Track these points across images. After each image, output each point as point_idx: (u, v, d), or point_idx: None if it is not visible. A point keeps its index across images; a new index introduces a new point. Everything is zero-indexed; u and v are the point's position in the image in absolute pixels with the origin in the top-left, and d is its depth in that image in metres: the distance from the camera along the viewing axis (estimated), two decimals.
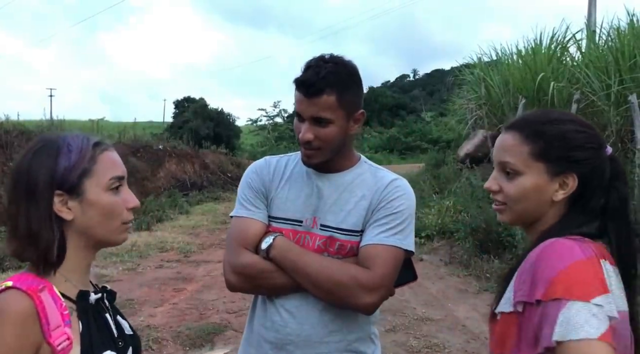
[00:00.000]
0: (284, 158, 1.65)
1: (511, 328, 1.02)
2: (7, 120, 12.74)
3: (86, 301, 1.10)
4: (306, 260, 1.44)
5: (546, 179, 1.07)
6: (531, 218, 1.12)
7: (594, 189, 1.07)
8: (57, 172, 1.04)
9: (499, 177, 1.13)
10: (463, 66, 13.27)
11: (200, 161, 17.72)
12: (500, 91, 10.11)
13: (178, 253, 8.11)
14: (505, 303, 1.04)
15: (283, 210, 1.54)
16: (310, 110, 1.41)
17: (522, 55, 10.52)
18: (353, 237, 1.49)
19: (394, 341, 4.45)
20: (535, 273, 0.96)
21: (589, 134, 1.09)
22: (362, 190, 1.52)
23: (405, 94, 64.75)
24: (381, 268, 1.41)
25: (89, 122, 17.90)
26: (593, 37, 9.03)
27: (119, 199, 1.10)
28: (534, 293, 0.95)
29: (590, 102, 7.52)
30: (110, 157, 1.10)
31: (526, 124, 1.12)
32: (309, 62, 1.45)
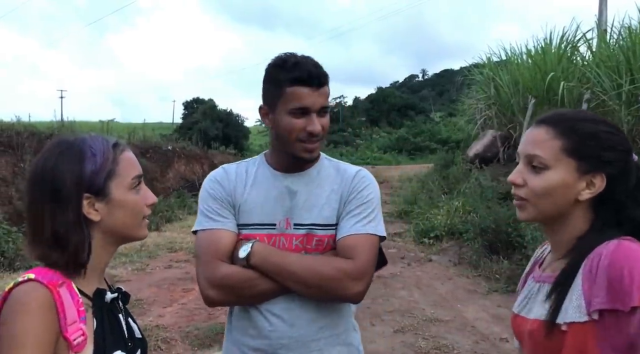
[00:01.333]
0: (242, 164, 1.62)
1: (589, 339, 0.97)
2: (18, 121, 12.85)
3: (102, 300, 1.12)
4: (289, 260, 1.43)
5: (575, 177, 1.05)
6: (552, 216, 1.10)
7: (620, 193, 1.05)
8: (84, 176, 1.06)
9: (524, 171, 1.10)
10: (472, 66, 13.21)
11: (209, 162, 17.78)
12: (509, 90, 10.05)
13: (187, 253, 8.14)
14: (575, 312, 0.99)
15: (254, 216, 1.51)
16: (319, 101, 1.44)
17: (531, 55, 10.45)
18: (329, 231, 1.50)
19: (403, 342, 4.44)
20: (615, 278, 0.93)
21: (621, 137, 1.08)
22: (329, 184, 1.55)
23: (414, 95, 64.63)
24: (364, 256, 1.45)
25: (99, 123, 17.98)
26: (604, 36, 8.96)
27: (139, 196, 1.15)
28: (625, 300, 0.91)
29: (601, 102, 7.46)
30: (129, 158, 1.14)
31: (561, 119, 1.10)
32: (291, 59, 1.46)
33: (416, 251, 8.14)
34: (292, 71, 1.43)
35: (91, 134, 1.14)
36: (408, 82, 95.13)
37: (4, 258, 7.70)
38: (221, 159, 18.68)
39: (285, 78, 1.43)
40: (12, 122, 12.42)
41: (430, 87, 74.28)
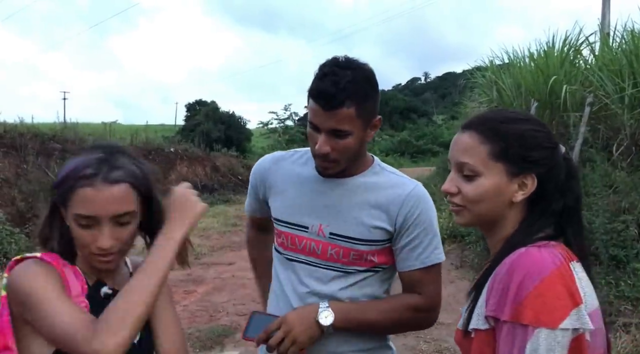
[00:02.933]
0: (295, 155, 1.61)
1: (485, 347, 0.97)
2: (21, 123, 12.88)
3: (95, 292, 1.16)
4: (370, 316, 1.45)
5: (506, 180, 1.05)
6: (490, 220, 1.09)
7: (551, 189, 1.05)
8: (54, 185, 1.14)
9: (457, 179, 1.09)
10: (475, 69, 13.18)
11: (212, 164, 17.79)
12: (512, 94, 10.03)
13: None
14: (478, 319, 1.00)
15: (289, 213, 1.51)
16: (328, 123, 1.34)
17: (534, 58, 10.43)
18: (368, 246, 1.45)
19: (404, 345, 4.43)
20: (504, 288, 0.94)
21: (546, 133, 1.07)
22: (375, 196, 1.46)
23: (416, 97, 64.64)
24: (433, 289, 1.50)
25: (101, 125, 18.02)
26: (607, 40, 8.94)
27: (86, 233, 1.10)
28: (502, 311, 0.93)
29: (603, 106, 7.44)
30: (84, 195, 1.08)
31: (484, 123, 1.09)
32: (323, 68, 1.37)
33: None
34: (314, 83, 1.37)
35: (92, 152, 1.15)
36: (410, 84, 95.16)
37: (7, 259, 7.71)
38: (223, 161, 18.69)
39: (309, 88, 1.38)
40: (15, 124, 12.46)
41: (433, 90, 74.23)
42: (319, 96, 1.34)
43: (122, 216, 1.11)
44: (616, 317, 4.30)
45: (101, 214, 1.08)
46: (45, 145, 12.01)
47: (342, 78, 1.32)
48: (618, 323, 4.18)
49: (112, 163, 1.12)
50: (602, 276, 4.80)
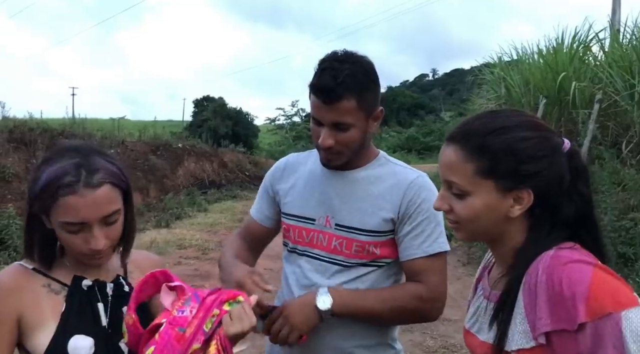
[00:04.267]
0: (304, 154, 1.67)
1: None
2: (30, 118, 12.98)
3: (77, 286, 1.18)
4: (370, 303, 1.43)
5: (497, 197, 0.96)
6: (489, 235, 1.03)
7: (556, 197, 0.96)
8: (29, 196, 1.13)
9: (448, 196, 1.02)
10: (483, 66, 13.13)
11: (219, 160, 17.84)
12: (520, 90, 10.00)
13: (196, 250, 8.18)
14: (521, 338, 0.92)
15: (296, 207, 1.54)
16: (329, 116, 1.37)
17: (543, 55, 10.38)
18: (372, 237, 1.46)
19: (411, 341, 4.44)
20: (555, 295, 0.85)
21: (540, 139, 0.97)
22: (379, 188, 1.48)
23: (424, 94, 64.46)
24: (437, 279, 1.45)
25: (110, 121, 18.12)
26: (617, 36, 8.88)
27: (76, 237, 1.11)
28: (571, 317, 0.83)
29: (612, 102, 7.41)
30: (69, 204, 1.07)
31: (467, 136, 0.99)
32: (322, 62, 1.40)
33: None
34: (314, 78, 1.39)
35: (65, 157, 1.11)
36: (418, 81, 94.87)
37: (17, 253, 7.78)
38: (231, 157, 18.74)
39: (310, 83, 1.41)
40: (25, 119, 12.57)
41: (441, 87, 73.99)
42: (319, 91, 1.37)
43: (110, 215, 1.12)
44: None
45: (90, 218, 1.09)
46: (54, 140, 12.08)
47: (341, 72, 1.34)
48: None
49: (90, 166, 1.10)
50: None
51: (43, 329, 1.12)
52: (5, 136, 10.93)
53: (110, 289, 1.22)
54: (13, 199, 9.60)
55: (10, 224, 8.21)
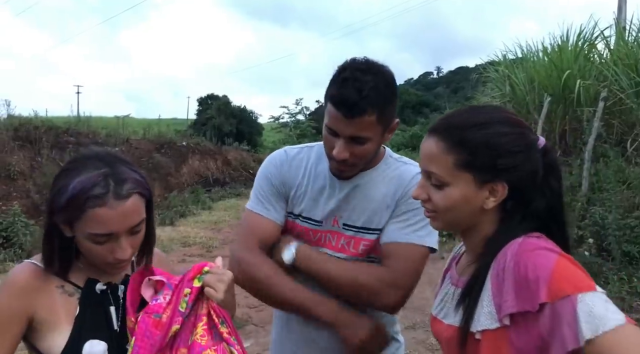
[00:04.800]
0: (304, 150, 1.58)
1: (503, 345, 0.94)
2: (35, 116, 13.02)
3: (90, 289, 1.17)
4: (329, 266, 1.42)
5: (474, 189, 1.01)
6: (463, 226, 1.07)
7: (529, 190, 1.01)
8: (53, 207, 1.10)
9: (427, 186, 1.07)
10: (488, 63, 13.09)
11: (223, 158, 17.87)
12: (525, 88, 9.94)
13: (200, 248, 8.21)
14: (486, 319, 0.96)
15: (304, 207, 1.51)
16: (349, 130, 1.32)
17: (548, 53, 10.33)
18: (378, 235, 1.46)
19: (414, 338, 4.45)
20: (520, 279, 0.90)
21: (517, 136, 1.01)
22: (386, 186, 1.47)
23: (428, 92, 64.39)
24: (402, 266, 1.39)
25: (114, 119, 18.16)
26: (622, 34, 8.83)
27: (102, 247, 1.10)
28: (533, 299, 0.88)
29: (617, 100, 7.37)
30: (98, 215, 1.06)
31: (449, 130, 1.04)
32: (342, 72, 1.33)
33: None
34: (334, 88, 1.33)
35: (92, 168, 1.09)
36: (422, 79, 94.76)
37: (22, 251, 7.83)
38: (235, 155, 18.76)
39: (328, 93, 1.35)
40: (30, 117, 12.61)
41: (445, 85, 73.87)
42: (341, 103, 1.30)
43: (137, 225, 1.12)
44: (628, 313, 4.26)
45: (118, 229, 1.09)
46: (59, 138, 12.15)
47: (365, 84, 1.28)
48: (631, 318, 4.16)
49: (118, 176, 1.09)
50: (614, 272, 4.78)
51: (57, 332, 1.12)
52: (11, 134, 10.98)
53: (121, 292, 1.22)
54: (18, 196, 9.65)
55: (16, 221, 8.26)
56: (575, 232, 5.50)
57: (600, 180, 6.25)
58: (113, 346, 1.15)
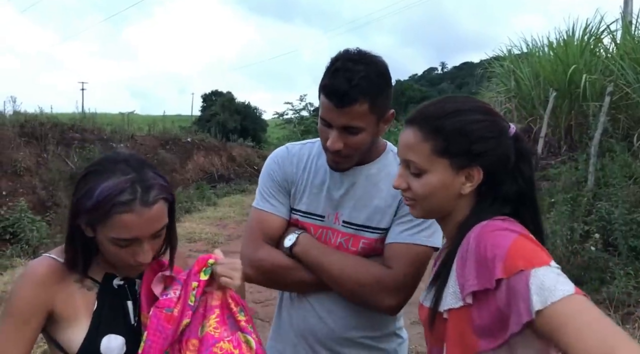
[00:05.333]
0: (306, 146, 1.58)
1: (465, 324, 0.96)
2: (41, 113, 13.06)
3: (108, 284, 1.19)
4: (329, 259, 1.41)
5: (451, 175, 1.06)
6: (442, 212, 1.11)
7: (501, 175, 1.06)
8: (78, 209, 1.11)
9: (406, 175, 1.11)
10: (493, 59, 13.04)
11: (228, 154, 17.89)
12: (530, 83, 9.91)
13: (206, 244, 8.24)
14: (452, 298, 1.00)
15: (305, 203, 1.51)
16: (341, 120, 1.32)
17: (553, 47, 10.28)
18: (379, 234, 1.45)
19: (419, 334, 4.44)
20: (480, 258, 0.93)
21: (489, 122, 1.06)
22: (387, 183, 1.45)
23: (433, 87, 64.16)
24: (404, 268, 1.37)
25: (119, 115, 18.20)
26: (629, 28, 8.77)
27: (124, 251, 1.12)
28: (490, 276, 0.91)
29: (624, 95, 7.33)
30: (124, 221, 1.07)
31: (425, 119, 1.08)
32: (335, 63, 1.33)
33: None
34: (326, 78, 1.33)
35: (120, 174, 1.10)
36: (427, 75, 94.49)
37: (29, 246, 7.88)
38: (239, 151, 18.78)
39: (321, 84, 1.35)
40: (35, 114, 12.64)
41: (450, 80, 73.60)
42: (331, 93, 1.30)
43: (160, 230, 1.14)
44: (635, 308, 4.27)
45: (142, 235, 1.10)
46: (64, 135, 12.17)
47: (355, 74, 1.28)
48: (637, 314, 4.14)
49: (145, 182, 1.10)
50: (620, 267, 4.76)
51: (76, 326, 1.13)
52: (17, 131, 11.01)
53: (138, 286, 1.23)
54: (24, 192, 9.69)
55: (22, 217, 8.31)
56: (582, 227, 5.48)
57: (607, 175, 6.21)
58: (130, 340, 1.16)
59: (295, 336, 1.54)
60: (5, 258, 7.23)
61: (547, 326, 0.84)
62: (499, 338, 0.91)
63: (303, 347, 1.52)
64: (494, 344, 0.92)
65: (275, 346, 1.60)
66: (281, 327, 1.60)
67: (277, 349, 1.59)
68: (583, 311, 0.83)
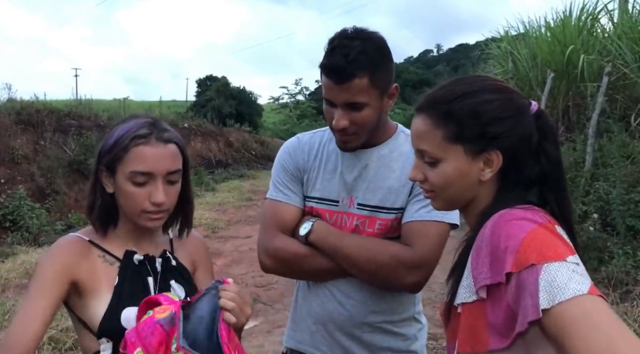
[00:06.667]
0: (317, 134, 1.59)
1: (479, 319, 0.90)
2: (37, 100, 12.99)
3: (129, 260, 1.23)
4: (346, 243, 1.41)
5: (468, 161, 0.98)
6: (464, 201, 1.04)
7: (523, 156, 0.98)
8: (101, 151, 1.20)
9: (422, 165, 1.04)
10: (489, 40, 12.99)
11: (225, 139, 17.88)
12: (528, 64, 9.89)
13: (206, 229, 8.27)
14: (465, 292, 0.94)
15: (319, 190, 1.52)
16: (342, 96, 1.34)
17: (550, 28, 10.24)
18: (394, 214, 1.45)
19: (433, 317, 4.51)
20: (494, 249, 0.87)
21: (504, 101, 0.98)
22: (401, 163, 1.46)
23: (428, 70, 63.87)
24: (423, 244, 1.37)
25: (114, 102, 18.11)
26: (626, 7, 8.75)
27: (140, 190, 1.17)
28: (501, 269, 0.84)
29: (622, 75, 7.33)
30: (141, 152, 1.16)
31: (433, 104, 1.02)
32: (332, 41, 1.35)
33: None
34: (324, 58, 1.35)
35: (139, 118, 1.23)
36: (422, 57, 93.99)
37: (29, 233, 7.90)
38: (237, 136, 18.76)
39: (321, 64, 1.37)
40: (31, 101, 12.57)
41: (445, 63, 73.22)
42: (330, 71, 1.32)
43: (173, 173, 1.20)
44: (633, 286, 4.34)
45: (157, 170, 1.17)
46: (61, 122, 12.13)
47: (352, 49, 1.30)
48: (635, 292, 4.21)
49: (161, 126, 1.22)
50: (619, 246, 4.82)
51: (98, 298, 1.17)
52: (13, 118, 10.96)
53: (158, 263, 1.27)
54: (23, 180, 9.68)
55: (22, 205, 8.32)
56: (580, 207, 5.53)
57: (604, 155, 6.26)
58: None
59: (313, 323, 1.55)
60: (7, 246, 7.25)
61: (553, 327, 0.77)
62: (508, 337, 0.84)
63: (322, 334, 1.53)
64: (504, 343, 0.86)
65: (294, 336, 1.62)
66: (299, 316, 1.61)
67: (296, 339, 1.61)
68: (593, 313, 0.76)
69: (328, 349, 1.53)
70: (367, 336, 1.50)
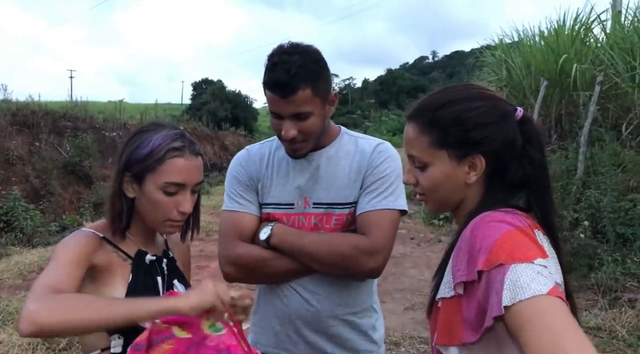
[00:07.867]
0: (265, 145, 1.67)
1: (456, 314, 0.95)
2: (32, 101, 12.98)
3: (141, 259, 1.27)
4: (307, 240, 1.48)
5: (453, 165, 1.04)
6: (453, 204, 1.10)
7: (507, 160, 1.03)
8: (131, 158, 1.22)
9: (414, 170, 1.11)
10: (484, 48, 13.09)
11: (220, 143, 17.91)
12: (521, 73, 9.97)
13: (200, 232, 8.26)
14: (445, 287, 1.00)
15: (273, 196, 1.57)
16: (289, 108, 1.41)
17: (544, 37, 10.33)
18: (348, 209, 1.53)
19: (413, 319, 4.55)
20: (471, 249, 0.92)
21: (488, 108, 1.03)
22: (348, 161, 1.55)
23: (423, 77, 64.10)
24: (378, 232, 1.46)
25: (110, 104, 18.10)
26: (618, 18, 8.85)
27: (170, 200, 1.22)
28: (474, 267, 0.89)
29: (613, 84, 7.42)
30: (177, 164, 1.21)
31: (420, 112, 1.09)
32: (271, 57, 1.42)
33: (426, 232, 8.25)
34: (266, 74, 1.42)
35: (167, 128, 1.26)
36: (418, 63, 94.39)
37: (23, 235, 7.90)
38: (232, 140, 18.78)
39: (263, 81, 1.44)
40: (27, 102, 12.56)
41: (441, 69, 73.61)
42: (274, 86, 1.39)
43: (199, 184, 1.27)
44: (622, 293, 4.40)
45: (190, 181, 1.23)
46: (56, 123, 12.13)
47: (292, 64, 1.37)
48: (624, 298, 4.28)
49: (189, 138, 1.27)
50: (608, 253, 4.89)
51: (113, 288, 1.19)
52: (9, 119, 10.95)
53: (164, 264, 1.32)
54: (17, 181, 9.68)
55: (16, 206, 8.32)
56: (571, 215, 5.60)
57: (596, 163, 6.33)
58: None
59: (279, 324, 1.58)
60: (1, 247, 7.24)
61: (513, 324, 0.81)
62: (478, 332, 0.89)
63: (287, 334, 1.57)
64: (474, 337, 0.90)
65: (259, 339, 1.65)
66: (262, 319, 1.64)
67: (260, 342, 1.64)
68: (548, 313, 0.79)
69: (293, 347, 1.57)
70: (333, 330, 1.55)
